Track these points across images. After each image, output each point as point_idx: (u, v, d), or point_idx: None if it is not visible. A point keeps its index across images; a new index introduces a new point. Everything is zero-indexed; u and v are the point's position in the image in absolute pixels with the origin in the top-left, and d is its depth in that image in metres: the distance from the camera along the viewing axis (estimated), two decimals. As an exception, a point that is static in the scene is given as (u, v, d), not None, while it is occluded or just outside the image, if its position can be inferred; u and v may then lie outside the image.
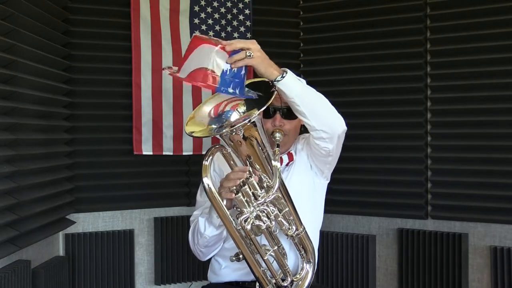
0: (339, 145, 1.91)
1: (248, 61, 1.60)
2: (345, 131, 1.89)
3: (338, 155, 1.97)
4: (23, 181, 2.44)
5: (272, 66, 1.68)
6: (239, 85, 1.62)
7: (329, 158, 1.95)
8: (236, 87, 1.61)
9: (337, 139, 1.87)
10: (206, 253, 1.99)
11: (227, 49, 1.57)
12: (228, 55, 1.57)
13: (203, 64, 1.57)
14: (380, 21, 3.21)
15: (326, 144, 1.86)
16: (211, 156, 1.66)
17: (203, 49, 1.57)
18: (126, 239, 3.20)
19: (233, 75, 1.60)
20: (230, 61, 1.58)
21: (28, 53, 2.50)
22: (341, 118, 1.85)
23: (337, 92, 3.24)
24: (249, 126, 1.62)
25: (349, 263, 3.23)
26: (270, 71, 1.67)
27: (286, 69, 1.71)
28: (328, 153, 1.91)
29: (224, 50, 1.57)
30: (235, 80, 1.60)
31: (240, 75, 1.61)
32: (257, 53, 1.62)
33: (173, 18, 3.23)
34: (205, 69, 1.57)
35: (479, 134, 3.00)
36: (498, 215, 2.93)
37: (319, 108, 1.80)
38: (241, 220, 1.66)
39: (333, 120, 1.84)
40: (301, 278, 1.91)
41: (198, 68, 1.57)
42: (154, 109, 3.17)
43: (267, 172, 1.72)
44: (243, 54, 1.59)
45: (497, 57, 2.93)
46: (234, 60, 1.58)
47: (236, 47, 1.59)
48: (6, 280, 2.26)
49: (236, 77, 1.60)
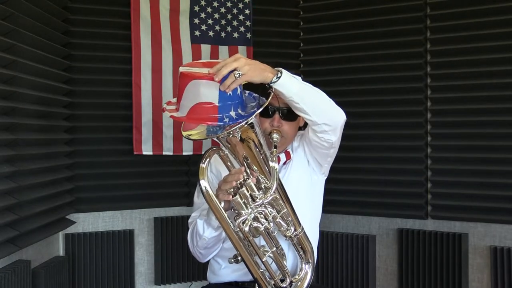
0: (340, 136, 1.92)
1: (240, 80, 1.58)
2: (346, 120, 1.89)
3: (338, 146, 1.97)
4: (23, 181, 2.44)
5: (265, 70, 1.66)
6: (239, 104, 1.62)
7: (331, 150, 1.95)
8: (237, 107, 1.60)
9: (339, 129, 1.88)
10: (206, 254, 1.98)
11: (215, 79, 1.56)
12: (218, 82, 1.56)
13: (197, 99, 1.57)
14: (380, 21, 3.21)
15: (329, 136, 1.86)
16: (208, 158, 1.65)
17: (193, 85, 1.56)
18: (126, 239, 3.21)
19: (231, 98, 1.59)
20: (223, 88, 1.57)
21: (28, 53, 2.50)
22: (340, 109, 1.85)
23: (337, 92, 3.18)
24: (246, 128, 1.62)
25: (349, 263, 3.23)
26: (265, 75, 1.66)
27: (280, 68, 1.69)
28: (331, 145, 1.91)
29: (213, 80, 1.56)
30: (235, 102, 1.60)
31: (236, 95, 1.61)
32: (245, 67, 1.59)
33: (173, 18, 3.23)
34: (201, 103, 1.57)
35: (479, 134, 2.99)
36: (498, 215, 2.93)
37: (318, 103, 1.80)
38: (239, 222, 1.66)
39: (334, 112, 1.84)
40: (300, 279, 1.90)
41: (194, 104, 1.57)
42: (154, 109, 3.17)
43: (264, 173, 1.72)
44: (232, 77, 1.57)
45: (497, 57, 2.93)
46: (226, 86, 1.57)
47: (224, 74, 1.56)
48: (6, 280, 2.26)
49: (234, 99, 1.60)
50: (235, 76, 1.56)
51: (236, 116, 1.59)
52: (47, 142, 2.78)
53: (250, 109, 1.65)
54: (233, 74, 1.56)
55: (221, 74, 1.56)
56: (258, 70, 1.64)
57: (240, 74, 1.57)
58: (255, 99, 1.70)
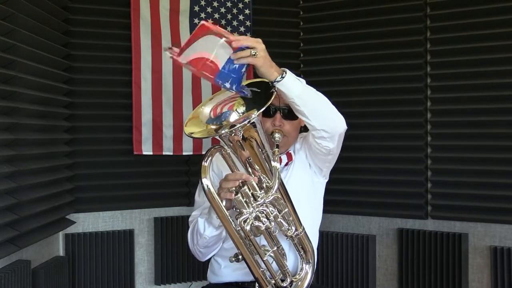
0: (339, 144, 1.91)
1: (251, 59, 1.60)
2: (346, 130, 1.89)
3: (338, 153, 1.97)
4: (23, 181, 2.44)
5: (273, 67, 1.67)
6: (236, 81, 1.61)
7: (329, 157, 1.95)
8: (234, 83, 1.60)
9: (338, 137, 1.87)
10: (206, 253, 1.99)
11: (233, 45, 1.56)
12: (233, 50, 1.56)
13: (205, 53, 1.55)
14: (380, 21, 3.21)
15: (327, 143, 1.86)
16: (210, 157, 1.65)
17: (208, 38, 1.54)
18: (126, 239, 3.21)
19: (233, 71, 1.58)
20: (234, 56, 1.57)
21: (28, 53, 2.50)
22: (342, 117, 1.85)
23: (337, 92, 3.24)
24: (248, 127, 1.62)
25: (349, 263, 3.23)
26: (271, 72, 1.66)
27: (285, 69, 1.70)
28: (329, 152, 1.91)
29: (230, 45, 1.56)
30: (234, 76, 1.59)
31: (240, 72, 1.60)
32: (262, 53, 1.61)
33: (173, 18, 3.23)
34: (207, 59, 1.55)
35: (479, 134, 3.00)
36: (498, 215, 2.93)
37: (320, 108, 1.80)
38: (240, 221, 1.66)
39: (334, 119, 1.84)
40: (301, 279, 1.90)
41: (199, 56, 1.55)
42: (154, 109, 3.17)
43: (266, 173, 1.72)
44: (248, 52, 1.58)
45: (497, 57, 2.93)
46: (238, 56, 1.57)
47: (243, 45, 1.57)
48: (6, 280, 2.26)
49: (235, 73, 1.59)
50: (250, 53, 1.58)
51: (230, 87, 1.60)
52: (47, 142, 2.78)
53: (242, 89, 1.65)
54: (250, 50, 1.58)
55: (240, 43, 1.57)
56: (269, 63, 1.66)
57: (256, 53, 1.58)
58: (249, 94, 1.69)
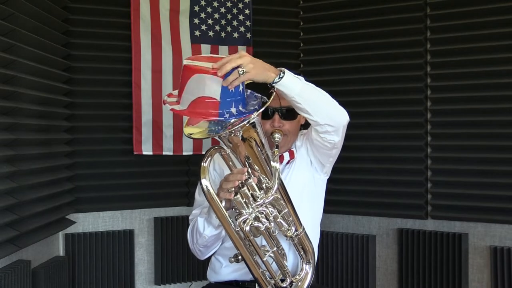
0: (343, 136, 1.92)
1: (243, 78, 1.57)
2: (348, 122, 1.88)
3: (341, 147, 1.97)
4: (23, 181, 2.44)
5: (268, 70, 1.65)
6: (240, 101, 1.60)
7: (334, 151, 1.95)
8: (238, 104, 1.59)
9: (342, 130, 1.87)
10: (205, 252, 1.99)
11: (218, 74, 1.54)
12: (221, 78, 1.55)
13: (199, 93, 1.55)
14: (380, 21, 3.21)
15: (332, 137, 1.85)
16: (209, 158, 1.65)
17: (196, 78, 1.55)
18: (126, 239, 3.21)
19: (232, 95, 1.57)
20: (226, 84, 1.55)
21: (28, 53, 2.50)
22: (343, 109, 1.85)
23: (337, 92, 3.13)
24: (248, 127, 1.62)
25: (349, 263, 3.23)
26: (268, 75, 1.64)
27: (283, 68, 1.68)
28: (333, 146, 1.91)
29: (217, 75, 1.54)
30: (236, 98, 1.58)
31: (238, 92, 1.59)
32: (249, 65, 1.57)
33: (173, 18, 3.23)
34: (203, 97, 1.55)
35: (479, 134, 2.99)
36: (498, 215, 2.93)
37: (321, 103, 1.79)
38: (239, 221, 1.65)
39: (336, 113, 1.84)
40: (301, 279, 1.90)
41: (196, 98, 1.56)
42: (154, 109, 3.17)
43: (266, 173, 1.71)
44: (236, 74, 1.55)
45: (497, 57, 2.93)
46: (229, 82, 1.55)
47: (227, 70, 1.54)
48: (6, 280, 2.26)
49: (235, 95, 1.58)
50: (238, 73, 1.54)
51: (236, 112, 1.58)
52: (47, 142, 2.78)
53: (251, 107, 1.64)
54: (237, 71, 1.55)
55: (224, 70, 1.54)
56: (262, 69, 1.63)
57: (244, 71, 1.55)
58: (257, 98, 1.70)
